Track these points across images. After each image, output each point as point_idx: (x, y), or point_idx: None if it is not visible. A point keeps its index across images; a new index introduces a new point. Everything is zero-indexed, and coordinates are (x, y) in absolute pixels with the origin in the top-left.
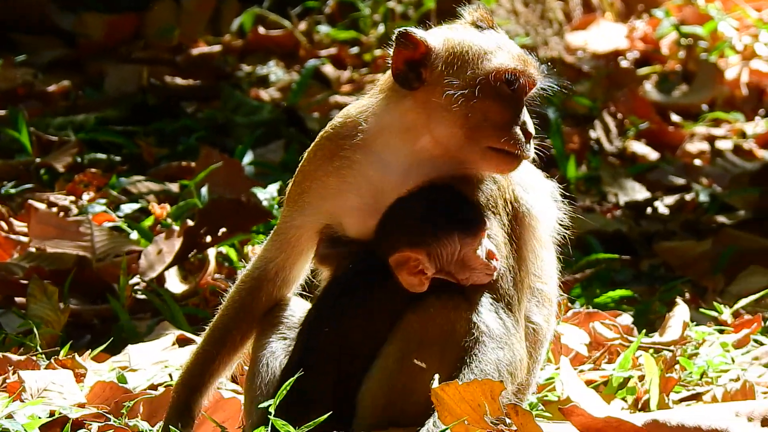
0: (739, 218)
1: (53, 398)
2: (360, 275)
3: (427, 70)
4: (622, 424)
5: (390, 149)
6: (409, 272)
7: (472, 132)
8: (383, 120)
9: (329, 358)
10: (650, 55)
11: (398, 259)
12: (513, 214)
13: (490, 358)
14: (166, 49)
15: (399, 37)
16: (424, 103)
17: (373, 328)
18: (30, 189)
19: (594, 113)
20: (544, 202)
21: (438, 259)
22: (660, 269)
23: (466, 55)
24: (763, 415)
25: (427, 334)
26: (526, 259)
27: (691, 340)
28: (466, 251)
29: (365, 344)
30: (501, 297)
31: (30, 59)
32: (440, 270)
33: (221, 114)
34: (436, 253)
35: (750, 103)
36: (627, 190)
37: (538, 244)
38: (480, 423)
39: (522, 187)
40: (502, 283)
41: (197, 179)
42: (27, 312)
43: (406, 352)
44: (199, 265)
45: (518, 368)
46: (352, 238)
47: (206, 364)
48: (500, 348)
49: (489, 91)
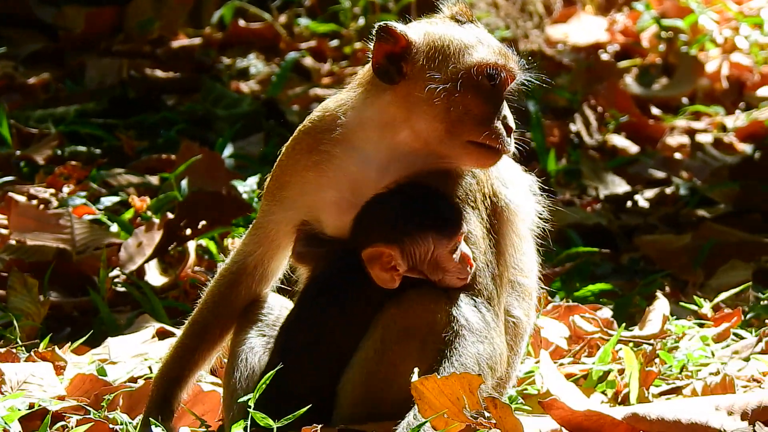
0: (720, 212)
1: (33, 391)
2: (338, 274)
3: (407, 64)
4: (601, 418)
5: (369, 143)
6: (382, 268)
7: (453, 126)
8: (363, 114)
9: (308, 357)
10: (630, 48)
11: (371, 253)
12: (492, 208)
13: (470, 351)
14: (146, 42)
15: (379, 30)
16: (405, 97)
17: (351, 327)
18: (10, 182)
19: (574, 106)
20: (523, 196)
21: (411, 257)
22: (640, 263)
23: (447, 49)
24: (743, 408)
25: (407, 326)
26: (505, 254)
27: (671, 333)
28: (440, 252)
29: (344, 343)
30: (480, 291)
31: (10, 52)
32: (413, 268)
33: (201, 107)
34: (409, 250)
35: (730, 97)
36: (607, 183)
37: (517, 238)
38: (459, 416)
39: (501, 181)
40: (481, 278)
41: (177, 172)
42: (7, 304)
43: (385, 344)
44: (179, 257)
45: (498, 362)
46: (330, 236)
47: (185, 357)
48: (480, 342)
49: (470, 85)
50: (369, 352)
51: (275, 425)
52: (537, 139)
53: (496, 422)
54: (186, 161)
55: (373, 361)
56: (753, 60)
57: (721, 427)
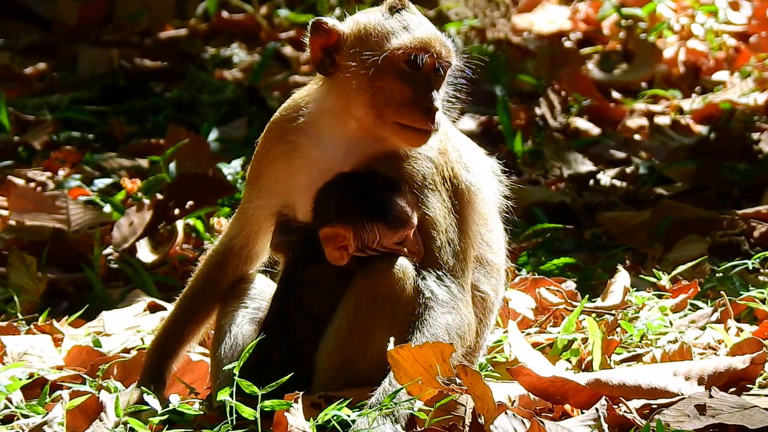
0: (677, 189)
1: (33, 361)
2: (303, 259)
3: (339, 56)
4: (566, 384)
5: (327, 132)
6: (334, 246)
7: (379, 110)
8: (320, 105)
9: (286, 329)
10: (592, 36)
11: (327, 233)
12: (453, 190)
13: (439, 322)
14: (135, 33)
15: (313, 26)
16: (341, 86)
17: (321, 302)
18: (9, 166)
19: (539, 91)
20: (485, 178)
21: (360, 240)
22: (602, 238)
23: (370, 37)
24: (699, 374)
25: (376, 296)
26: (468, 231)
27: (632, 304)
28: (385, 242)
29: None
30: (443, 265)
31: (7, 43)
32: (362, 250)
33: (187, 93)
34: (359, 234)
35: (687, 81)
36: (570, 163)
37: (479, 217)
38: (432, 383)
39: (462, 165)
40: (444, 254)
41: (166, 155)
42: (7, 281)
43: (357, 314)
44: (168, 236)
45: (467, 332)
46: (302, 222)
47: (177, 331)
48: (448, 313)
49: (390, 70)
50: (342, 321)
51: (260, 392)
52: (504, 122)
53: (467, 388)
54: (173, 145)
55: (346, 329)
56: (708, 46)
57: (678, 391)
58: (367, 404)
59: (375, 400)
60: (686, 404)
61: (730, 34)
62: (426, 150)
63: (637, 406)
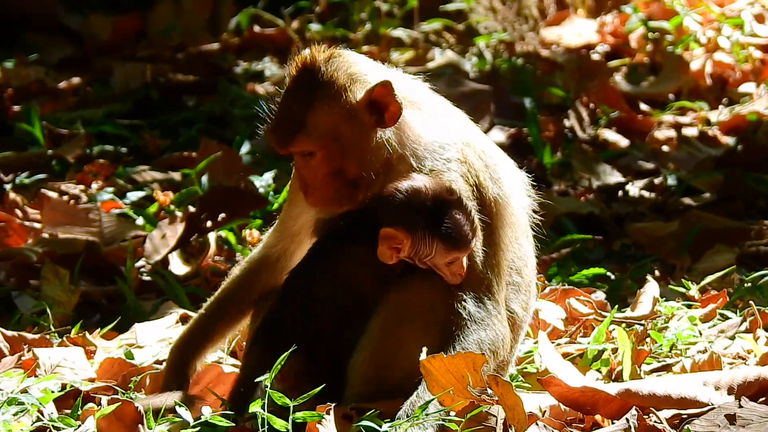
0: (705, 200)
1: (65, 373)
2: (336, 237)
3: None
4: (596, 394)
5: None
6: (389, 246)
7: None
8: None
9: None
10: (620, 49)
11: (388, 232)
12: (480, 201)
13: (472, 339)
14: (167, 47)
15: None
16: None
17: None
18: (43, 179)
19: (567, 103)
20: (513, 190)
21: (415, 250)
22: (631, 249)
23: None
24: (728, 383)
25: (409, 312)
26: (500, 243)
27: (661, 314)
28: (437, 260)
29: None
30: (479, 281)
31: (41, 58)
32: (411, 258)
33: (220, 107)
34: (417, 244)
35: (713, 93)
36: (599, 174)
37: (510, 229)
38: (464, 393)
39: (488, 175)
40: (477, 269)
41: (198, 168)
42: (40, 293)
43: (389, 326)
44: (200, 248)
45: (500, 346)
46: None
47: (202, 330)
48: (482, 329)
49: None
50: (375, 333)
51: (291, 403)
52: (533, 134)
53: (498, 399)
54: (206, 158)
55: (379, 342)
56: (734, 58)
57: (708, 401)
58: (398, 415)
59: (405, 411)
60: (716, 414)
61: (756, 46)
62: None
63: (668, 416)
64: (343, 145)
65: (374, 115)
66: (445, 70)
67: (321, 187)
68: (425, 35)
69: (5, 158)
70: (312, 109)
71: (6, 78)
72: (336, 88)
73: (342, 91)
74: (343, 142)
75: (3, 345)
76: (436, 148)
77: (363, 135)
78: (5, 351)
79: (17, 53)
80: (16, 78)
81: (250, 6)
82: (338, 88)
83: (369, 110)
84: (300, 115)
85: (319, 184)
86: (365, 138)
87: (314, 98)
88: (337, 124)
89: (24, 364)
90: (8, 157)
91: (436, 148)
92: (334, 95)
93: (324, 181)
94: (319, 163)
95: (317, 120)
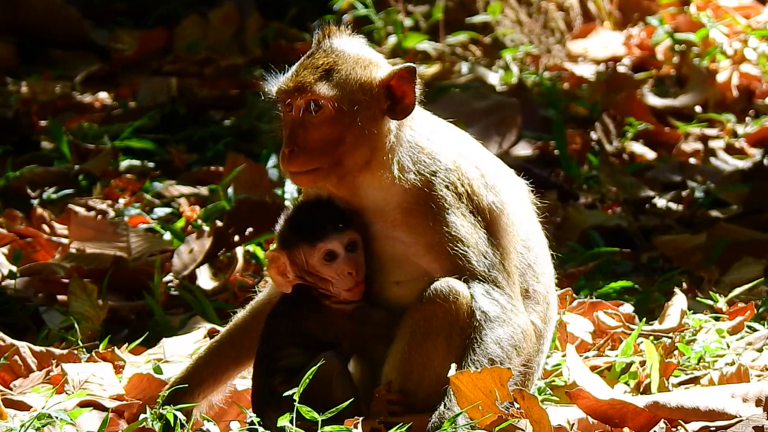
0: (732, 212)
1: (94, 389)
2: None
3: None
4: (625, 406)
5: None
6: (277, 271)
7: None
8: None
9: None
10: (646, 61)
11: (269, 256)
12: (476, 208)
13: (490, 338)
14: (194, 62)
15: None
16: None
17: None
18: (70, 194)
19: (594, 116)
20: (510, 198)
21: (295, 265)
22: (658, 261)
23: None
24: (756, 396)
25: (431, 326)
26: (501, 243)
27: (689, 327)
28: (313, 262)
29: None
30: (485, 279)
31: (67, 73)
32: (301, 276)
33: (246, 121)
34: (293, 258)
35: (740, 105)
36: (626, 187)
37: (510, 234)
38: (492, 408)
39: (482, 183)
40: (480, 267)
41: (225, 182)
42: (68, 309)
43: (414, 340)
44: (228, 262)
45: (522, 339)
46: None
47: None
48: (500, 326)
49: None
50: (402, 346)
51: (320, 418)
52: (560, 147)
53: (524, 412)
54: (232, 172)
55: (405, 356)
56: (761, 70)
57: (736, 413)
58: (427, 428)
59: (434, 423)
60: (744, 426)
61: None
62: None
63: (696, 429)
64: (353, 114)
65: (388, 101)
66: (471, 83)
67: (310, 150)
68: (452, 48)
69: (32, 173)
70: (343, 62)
71: (33, 93)
72: (366, 58)
73: (370, 64)
74: (355, 111)
75: (31, 360)
76: (424, 159)
77: (372, 115)
78: (33, 366)
79: (43, 68)
80: (42, 93)
81: (276, 20)
82: (368, 59)
83: (386, 94)
84: (330, 64)
85: (310, 146)
86: (373, 119)
87: (347, 56)
88: (358, 91)
89: (52, 379)
90: (35, 172)
91: (425, 159)
92: (363, 63)
93: (315, 145)
94: (322, 121)
95: (345, 74)
